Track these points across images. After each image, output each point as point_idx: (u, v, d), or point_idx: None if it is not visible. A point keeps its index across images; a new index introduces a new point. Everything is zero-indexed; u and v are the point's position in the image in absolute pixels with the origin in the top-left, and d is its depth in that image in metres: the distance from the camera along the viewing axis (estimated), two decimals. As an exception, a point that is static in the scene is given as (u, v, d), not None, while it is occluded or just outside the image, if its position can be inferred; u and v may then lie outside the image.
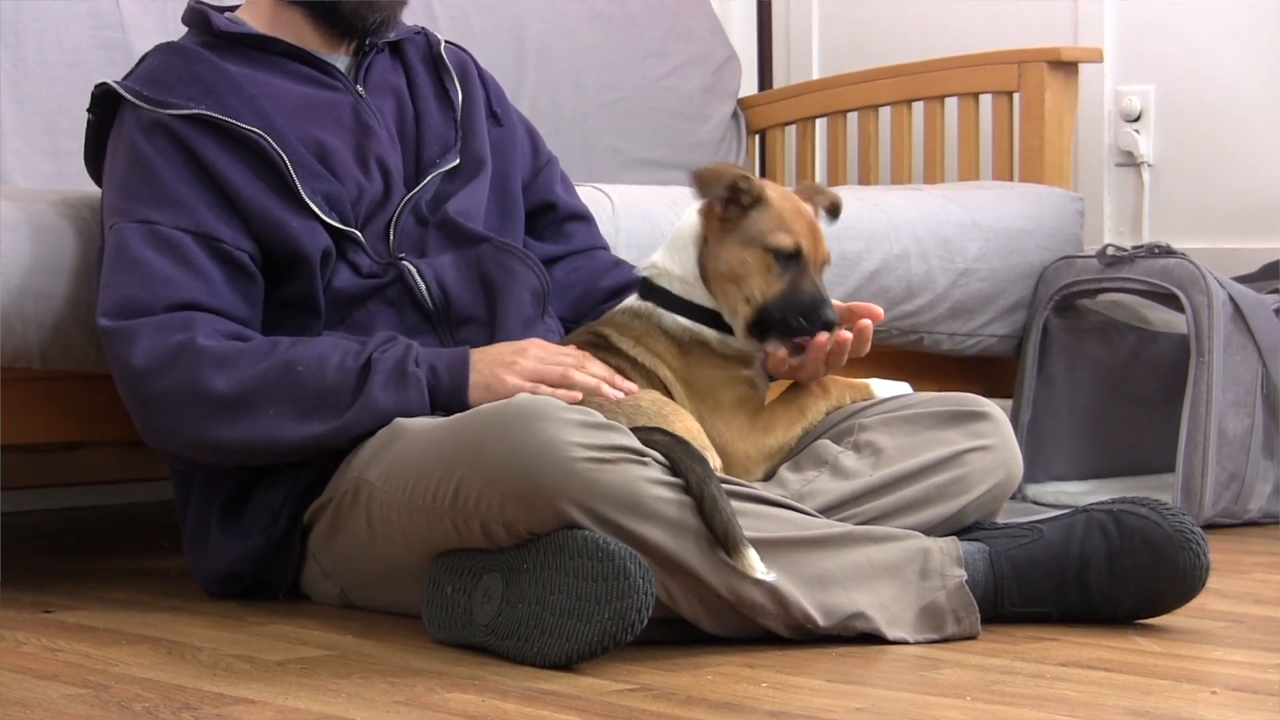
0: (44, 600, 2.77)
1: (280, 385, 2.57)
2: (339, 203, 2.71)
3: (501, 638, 2.30)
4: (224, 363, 2.58)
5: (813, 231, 2.59)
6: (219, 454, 2.61)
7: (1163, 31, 4.17)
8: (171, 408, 2.59)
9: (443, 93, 2.90)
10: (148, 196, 2.66)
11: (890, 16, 4.59)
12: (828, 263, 2.62)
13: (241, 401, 2.57)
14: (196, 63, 2.74)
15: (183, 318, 2.61)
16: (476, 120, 2.90)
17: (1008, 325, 3.70)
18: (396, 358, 2.58)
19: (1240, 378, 3.40)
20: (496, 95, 2.98)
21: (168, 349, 2.59)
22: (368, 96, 2.83)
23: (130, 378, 2.61)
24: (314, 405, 2.56)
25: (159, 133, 2.68)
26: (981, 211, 3.69)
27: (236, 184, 2.67)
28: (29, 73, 3.45)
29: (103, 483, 3.98)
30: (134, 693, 2.15)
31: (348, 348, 2.60)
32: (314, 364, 2.58)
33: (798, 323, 2.55)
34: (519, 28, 4.13)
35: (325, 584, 2.67)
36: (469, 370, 2.58)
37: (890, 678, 2.22)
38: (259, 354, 2.59)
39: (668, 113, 4.28)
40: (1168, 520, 2.41)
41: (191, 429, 2.59)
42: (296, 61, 2.81)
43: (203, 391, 2.57)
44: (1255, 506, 3.41)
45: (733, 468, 2.57)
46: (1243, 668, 2.24)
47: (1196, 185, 4.13)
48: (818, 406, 2.64)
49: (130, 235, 2.65)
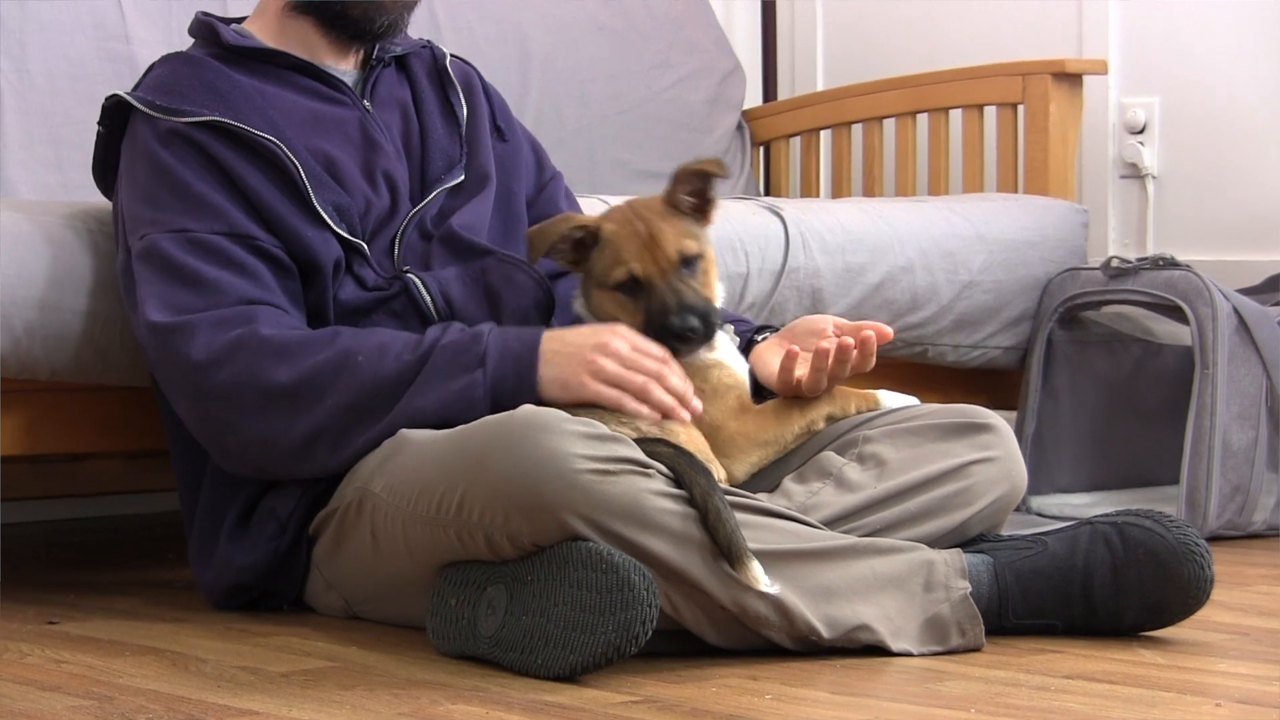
0: (48, 611, 2.77)
1: (339, 376, 2.55)
2: (348, 214, 2.71)
3: (506, 649, 2.30)
4: (285, 352, 2.56)
5: (650, 246, 2.56)
6: (274, 450, 2.58)
7: (1167, 43, 4.17)
8: (231, 400, 2.57)
9: (448, 108, 2.90)
10: (177, 205, 2.65)
11: (895, 28, 4.59)
12: (691, 256, 2.57)
13: (302, 393, 2.55)
14: (207, 71, 2.75)
15: (241, 312, 2.59)
16: (481, 135, 2.90)
17: (1012, 337, 3.70)
18: (457, 349, 2.55)
19: (1245, 390, 3.40)
20: (501, 110, 2.98)
21: (228, 342, 2.56)
22: (374, 111, 2.83)
23: (189, 371, 2.58)
24: (371, 399, 2.54)
25: (177, 141, 2.68)
26: (986, 223, 3.69)
27: (256, 189, 2.67)
28: (33, 84, 3.45)
29: (107, 494, 3.99)
30: (138, 704, 2.15)
31: (408, 339, 2.58)
32: (374, 355, 2.56)
33: (669, 341, 2.55)
34: (523, 39, 4.14)
35: (329, 595, 2.67)
36: (538, 364, 2.54)
37: (894, 690, 2.22)
38: (321, 343, 2.57)
39: (672, 124, 4.28)
40: (1172, 532, 2.41)
41: (251, 422, 2.56)
42: (304, 75, 2.81)
43: (264, 382, 2.55)
44: (1260, 519, 3.40)
45: (722, 445, 2.56)
46: (1247, 680, 2.24)
47: (1201, 197, 4.13)
48: (820, 409, 2.63)
49: (168, 245, 2.63)
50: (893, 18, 4.60)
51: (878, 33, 4.62)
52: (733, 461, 2.57)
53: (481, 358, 2.54)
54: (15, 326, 2.74)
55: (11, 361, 2.76)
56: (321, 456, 2.57)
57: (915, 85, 4.15)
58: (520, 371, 2.54)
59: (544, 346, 2.55)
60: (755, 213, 3.47)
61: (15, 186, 3.36)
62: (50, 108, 3.45)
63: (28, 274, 2.75)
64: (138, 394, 2.89)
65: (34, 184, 3.37)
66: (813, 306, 3.43)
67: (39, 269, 2.76)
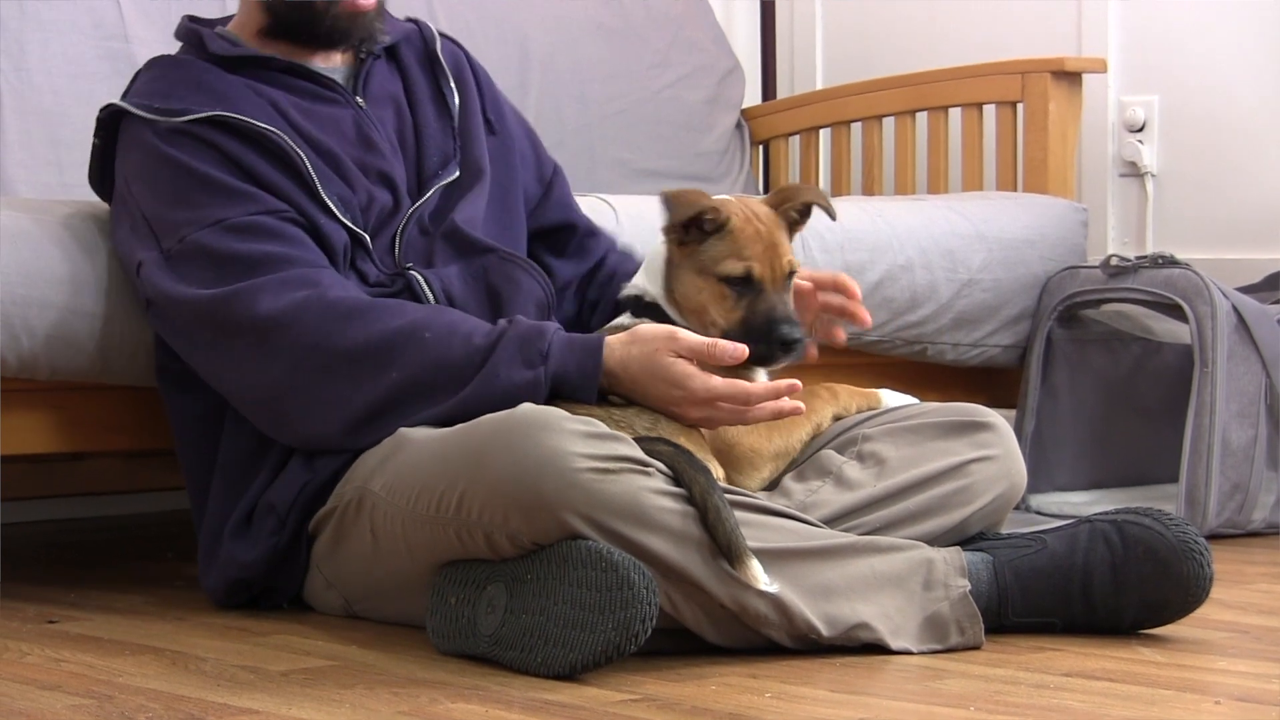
0: (48, 611, 2.77)
1: (406, 348, 2.54)
2: (351, 206, 2.71)
3: (505, 648, 2.30)
4: (354, 315, 2.55)
5: (770, 251, 2.57)
6: (335, 417, 2.56)
7: (1167, 42, 4.17)
8: (299, 361, 2.56)
9: (440, 98, 2.90)
10: (205, 199, 2.64)
11: (894, 27, 4.59)
12: (794, 272, 2.61)
13: (368, 360, 2.53)
14: (197, 71, 2.75)
15: (303, 274, 2.58)
16: (474, 127, 2.89)
17: (1011, 336, 3.70)
18: (528, 337, 2.54)
19: (1244, 388, 3.40)
20: (491, 98, 2.96)
21: (294, 303, 2.55)
22: (368, 108, 2.83)
23: (256, 332, 2.56)
24: (435, 377, 2.53)
25: (183, 139, 2.67)
26: (985, 222, 3.69)
27: (268, 177, 2.66)
28: (32, 83, 3.45)
29: (106, 493, 3.99)
30: (138, 703, 2.15)
31: (476, 323, 2.58)
32: (443, 332, 2.55)
33: (757, 348, 2.55)
34: (523, 39, 4.14)
35: (329, 594, 2.67)
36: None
37: (894, 688, 2.22)
38: (391, 311, 2.56)
39: (671, 124, 4.28)
40: (1171, 531, 2.41)
41: (317, 386, 2.55)
42: (294, 76, 2.81)
43: (333, 344, 2.54)
44: (1259, 517, 3.40)
45: (738, 462, 2.57)
46: (1246, 678, 2.24)
47: (1200, 196, 4.13)
48: (825, 412, 2.65)
49: (208, 239, 2.62)
50: (892, 16, 4.60)
51: (877, 32, 4.62)
52: (747, 478, 2.57)
53: (545, 355, 2.53)
54: (15, 326, 2.74)
55: (11, 361, 2.76)
56: (380, 429, 2.55)
57: (914, 84, 4.15)
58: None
59: (603, 371, 2.53)
60: (755, 212, 3.46)
61: (14, 186, 3.36)
62: (49, 107, 3.45)
63: (27, 273, 2.75)
64: (138, 393, 2.89)
65: (33, 183, 3.37)
66: (812, 305, 3.43)
67: (38, 268, 2.76)
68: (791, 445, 2.62)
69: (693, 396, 2.49)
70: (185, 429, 2.77)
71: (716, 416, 2.52)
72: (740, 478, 2.57)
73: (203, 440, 2.74)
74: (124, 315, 2.78)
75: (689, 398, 2.50)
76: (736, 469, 2.57)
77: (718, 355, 2.49)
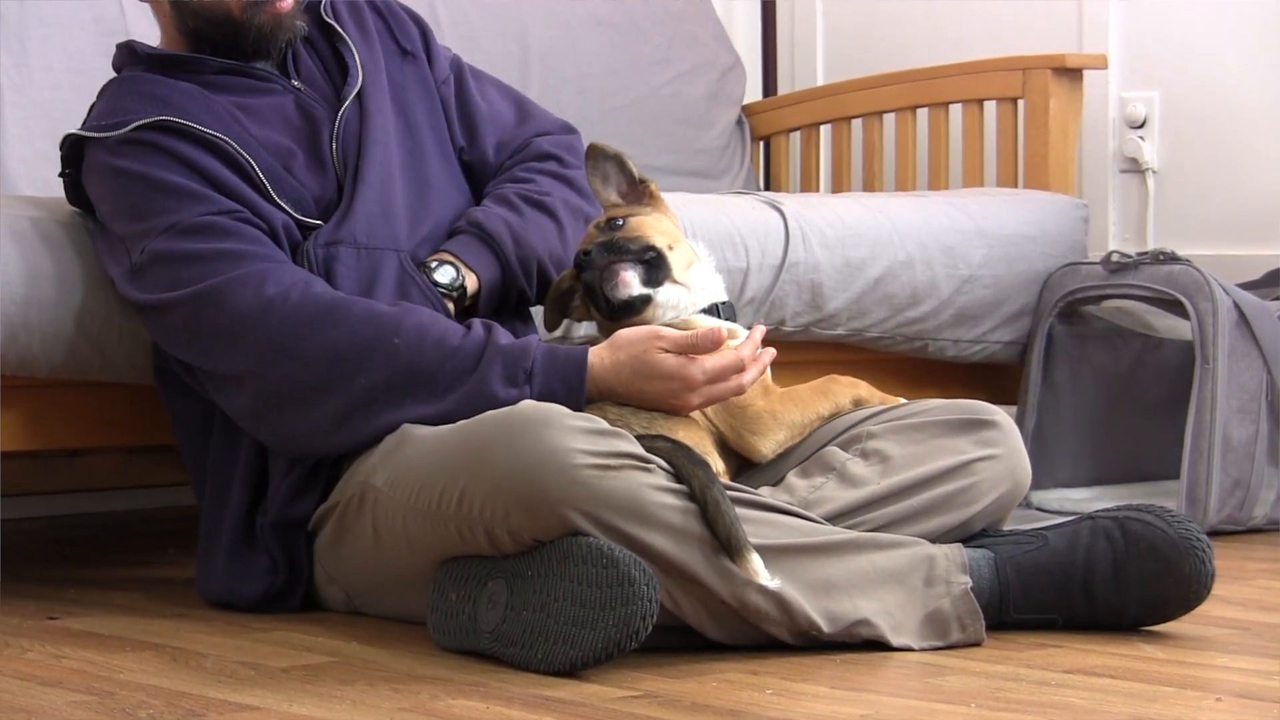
0: (48, 607, 2.77)
1: (374, 354, 2.53)
2: (305, 202, 2.72)
3: (506, 644, 2.30)
4: (320, 317, 2.55)
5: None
6: (305, 423, 2.56)
7: (1167, 38, 4.17)
8: (267, 366, 2.56)
9: (339, 59, 2.88)
10: (157, 205, 2.65)
11: (894, 23, 4.59)
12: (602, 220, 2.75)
13: (338, 363, 2.53)
14: (144, 84, 2.76)
15: (264, 270, 2.58)
16: (376, 56, 2.88)
17: (1012, 332, 3.69)
18: (513, 354, 2.54)
19: (1245, 384, 3.40)
20: (402, 31, 2.96)
21: (260, 303, 2.55)
22: (305, 89, 2.83)
23: (224, 331, 2.57)
24: (406, 382, 2.53)
25: (132, 147, 2.68)
26: (986, 218, 3.69)
27: (221, 178, 2.66)
28: (32, 78, 3.45)
29: (106, 489, 3.99)
30: (138, 699, 2.15)
31: (447, 325, 2.57)
32: (412, 337, 2.54)
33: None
34: (523, 34, 4.14)
35: (331, 588, 2.67)
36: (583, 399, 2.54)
37: (895, 685, 2.22)
38: (357, 313, 2.56)
39: (672, 120, 4.28)
40: (1173, 527, 2.41)
41: (284, 389, 2.55)
42: (230, 75, 2.80)
43: (301, 348, 2.53)
44: (1260, 513, 3.40)
45: (749, 422, 2.58)
46: (1247, 674, 2.24)
47: (1201, 192, 4.13)
48: (844, 394, 2.65)
49: (163, 245, 2.63)
50: (893, 13, 4.60)
51: (878, 28, 4.62)
52: (760, 439, 2.58)
53: (529, 374, 2.54)
54: (14, 323, 2.74)
55: (10, 358, 2.76)
56: (353, 433, 2.55)
57: (915, 80, 4.15)
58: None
59: (589, 380, 2.55)
60: (755, 208, 3.46)
61: (15, 182, 3.36)
62: (50, 102, 3.44)
63: (26, 270, 2.75)
64: (136, 389, 2.89)
65: (33, 179, 3.37)
66: (812, 301, 3.43)
67: (38, 265, 2.76)
68: (808, 418, 2.62)
69: (691, 383, 2.51)
70: (183, 431, 2.77)
71: (716, 393, 2.53)
72: (755, 439, 2.58)
73: (200, 436, 2.74)
74: (122, 312, 2.78)
75: (688, 385, 2.51)
76: (751, 429, 2.58)
77: (700, 345, 2.50)
